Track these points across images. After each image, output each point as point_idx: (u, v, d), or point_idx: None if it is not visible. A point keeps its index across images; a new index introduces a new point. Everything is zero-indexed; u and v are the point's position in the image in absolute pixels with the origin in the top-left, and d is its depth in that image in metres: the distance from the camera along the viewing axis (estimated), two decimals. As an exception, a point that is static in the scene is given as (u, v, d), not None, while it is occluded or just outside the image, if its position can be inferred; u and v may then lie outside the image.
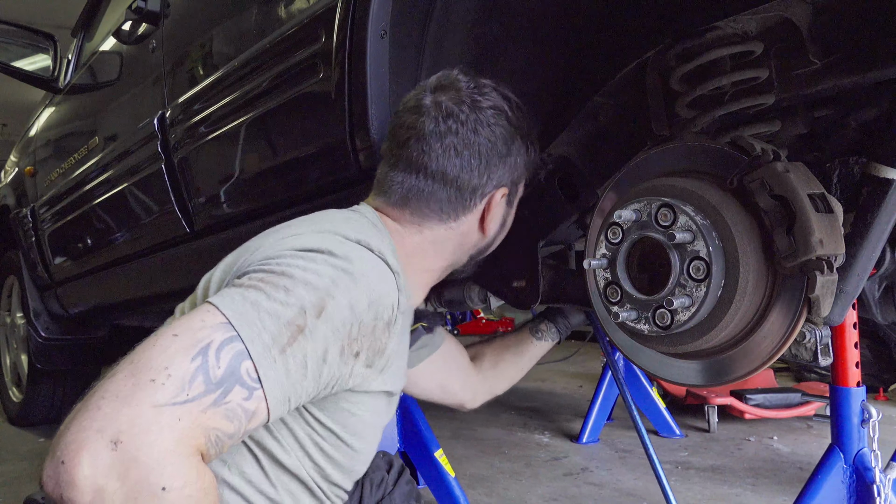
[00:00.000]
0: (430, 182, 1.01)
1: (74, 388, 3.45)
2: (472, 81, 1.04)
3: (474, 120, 1.01)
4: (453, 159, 1.00)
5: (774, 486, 2.36)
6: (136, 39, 2.16)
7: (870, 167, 1.05)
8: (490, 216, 1.07)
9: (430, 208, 1.03)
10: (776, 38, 1.08)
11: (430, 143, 1.00)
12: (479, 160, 1.01)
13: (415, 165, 1.02)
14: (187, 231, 1.94)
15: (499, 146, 1.03)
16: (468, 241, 1.09)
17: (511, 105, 1.06)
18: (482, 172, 1.02)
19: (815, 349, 1.00)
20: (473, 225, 1.07)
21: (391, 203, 1.04)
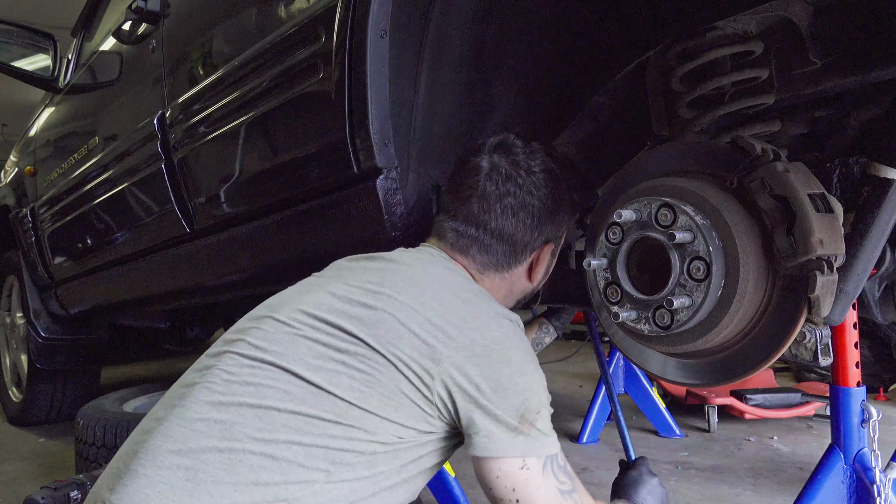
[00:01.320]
0: (488, 236, 1.12)
1: (74, 388, 3.45)
2: (526, 147, 1.14)
3: (530, 183, 1.11)
4: (510, 219, 1.11)
5: (774, 486, 2.36)
6: (135, 39, 2.16)
7: (870, 167, 1.05)
8: (538, 267, 1.18)
9: (488, 259, 1.13)
10: (776, 38, 1.08)
11: (489, 202, 1.11)
12: (532, 220, 1.12)
13: (475, 221, 1.12)
14: (187, 231, 1.94)
15: (549, 205, 1.13)
16: (517, 289, 1.19)
17: (561, 166, 1.16)
18: (534, 230, 1.13)
19: (815, 349, 1.00)
20: (523, 275, 1.17)
21: (455, 249, 1.13)
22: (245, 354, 0.97)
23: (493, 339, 0.96)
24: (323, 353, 0.94)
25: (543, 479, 0.95)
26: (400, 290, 0.99)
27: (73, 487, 1.48)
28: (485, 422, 0.93)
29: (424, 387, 0.93)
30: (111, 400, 2.54)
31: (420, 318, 0.95)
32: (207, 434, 0.90)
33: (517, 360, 0.97)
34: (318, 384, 0.92)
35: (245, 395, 0.93)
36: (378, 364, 0.93)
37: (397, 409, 0.92)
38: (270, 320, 1.00)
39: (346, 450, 0.91)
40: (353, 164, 1.31)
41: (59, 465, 2.69)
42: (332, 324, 0.97)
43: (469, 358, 0.94)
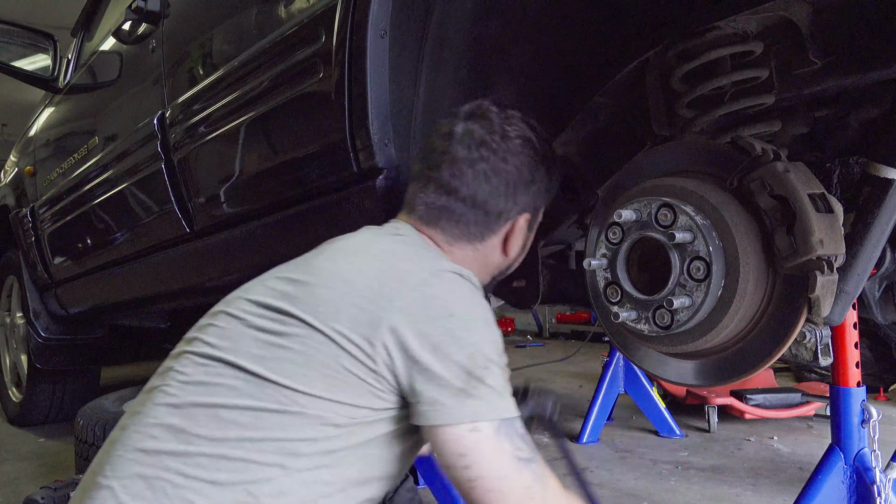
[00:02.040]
0: (460, 204, 1.07)
1: (74, 388, 3.45)
2: (502, 112, 1.10)
3: (504, 149, 1.07)
4: (483, 185, 1.06)
5: (774, 486, 2.36)
6: (135, 39, 2.16)
7: (870, 167, 1.05)
8: (513, 239, 1.12)
9: (459, 229, 1.08)
10: (776, 38, 1.08)
11: (462, 168, 1.06)
12: (505, 187, 1.07)
13: (446, 187, 1.07)
14: (187, 231, 1.94)
15: (525, 174, 1.08)
16: (491, 263, 1.14)
17: (538, 135, 1.11)
18: (508, 199, 1.08)
19: (816, 349, 1.00)
20: (496, 247, 1.12)
21: (424, 221, 1.09)
22: (200, 353, 0.95)
23: (434, 295, 0.91)
24: (266, 340, 0.91)
25: (496, 442, 0.87)
26: (335, 261, 0.96)
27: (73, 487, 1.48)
28: (428, 388, 0.87)
29: (367, 357, 0.88)
30: (111, 400, 2.54)
31: (358, 286, 0.91)
32: (164, 440, 0.89)
33: (461, 315, 0.91)
34: (261, 374, 0.89)
35: (196, 395, 0.91)
36: (318, 342, 0.89)
37: (344, 389, 0.88)
38: (224, 315, 0.98)
39: (297, 439, 0.88)
40: (353, 163, 1.31)
41: (59, 465, 2.69)
42: (273, 307, 0.93)
43: (408, 317, 0.88)
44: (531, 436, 0.95)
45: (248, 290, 1.01)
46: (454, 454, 0.87)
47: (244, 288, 1.03)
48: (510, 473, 0.87)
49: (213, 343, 0.95)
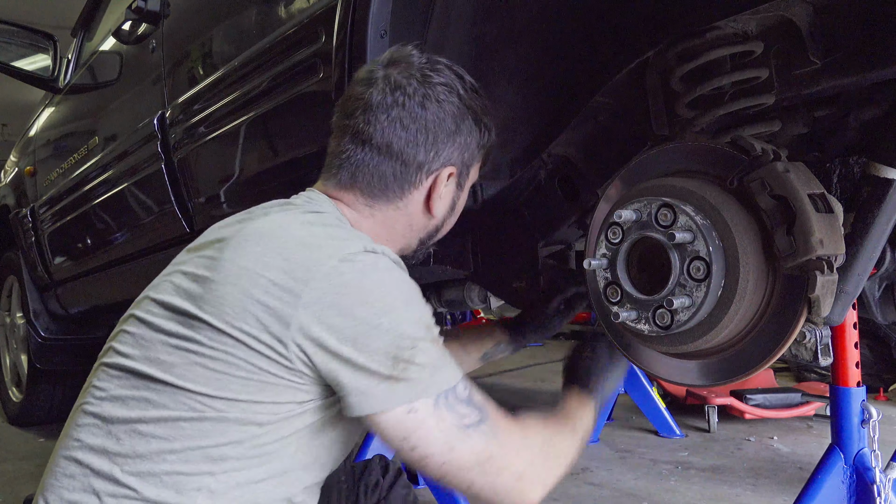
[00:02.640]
0: (375, 155, 1.00)
1: (74, 388, 3.44)
2: (424, 57, 1.02)
3: (422, 94, 0.99)
4: (399, 132, 0.99)
5: (774, 486, 2.36)
6: (135, 39, 2.16)
7: (870, 167, 1.05)
8: (437, 195, 1.04)
9: (377, 184, 1.01)
10: (776, 37, 1.08)
11: (375, 114, 0.99)
12: (425, 135, 0.99)
13: (360, 136, 1.00)
14: (187, 231, 1.94)
15: (447, 123, 1.01)
16: (416, 224, 1.06)
17: (464, 84, 1.03)
18: (429, 148, 1.00)
19: (816, 349, 1.00)
20: (420, 205, 1.04)
21: (341, 184, 1.02)
22: (113, 365, 0.91)
23: (345, 283, 0.84)
24: (175, 345, 0.86)
25: (437, 418, 0.84)
26: (241, 254, 0.88)
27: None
28: (353, 379, 0.83)
29: (281, 357, 0.83)
30: (111, 400, 2.53)
31: (263, 282, 0.84)
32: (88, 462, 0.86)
33: (378, 299, 0.85)
34: (174, 383, 0.84)
35: (113, 411, 0.87)
36: (227, 345, 0.83)
37: (262, 390, 0.84)
38: (133, 319, 0.93)
39: (222, 444, 0.84)
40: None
41: (59, 465, 2.69)
42: (178, 309, 0.87)
43: (319, 311, 0.82)
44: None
45: (154, 287, 0.96)
46: (397, 438, 0.85)
47: (152, 284, 0.97)
48: (457, 444, 0.85)
49: (125, 352, 0.90)
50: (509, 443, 0.89)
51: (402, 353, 0.84)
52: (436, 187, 1.03)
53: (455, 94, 1.01)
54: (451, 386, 0.87)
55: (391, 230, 1.04)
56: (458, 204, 1.10)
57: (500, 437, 0.88)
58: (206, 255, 0.92)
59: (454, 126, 1.02)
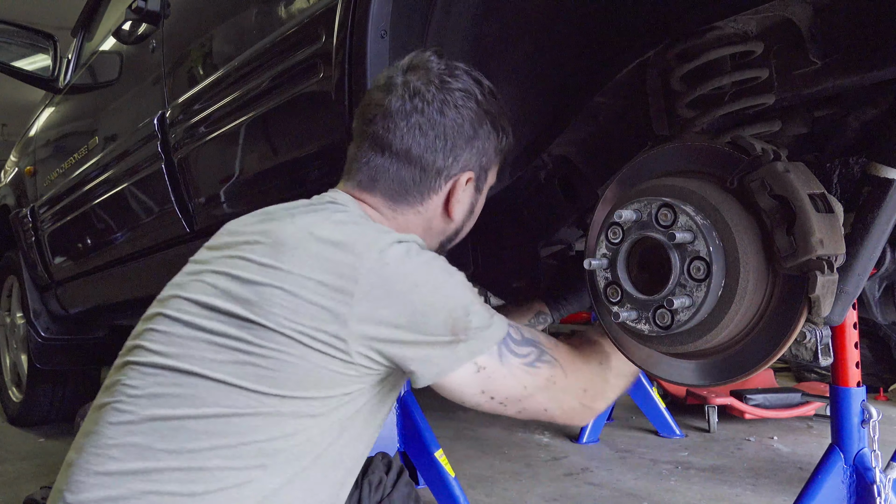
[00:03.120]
0: (394, 161, 1.02)
1: (74, 388, 3.45)
2: (443, 63, 1.04)
3: (441, 100, 1.01)
4: (418, 138, 1.00)
5: (774, 486, 2.36)
6: (135, 39, 2.16)
7: (870, 167, 1.05)
8: (455, 199, 1.06)
9: (398, 189, 1.03)
10: (776, 38, 1.08)
11: (395, 120, 1.00)
12: (444, 141, 1.01)
13: (380, 143, 1.02)
14: (187, 231, 1.94)
15: (465, 128, 1.02)
16: (436, 227, 1.08)
17: (482, 89, 1.05)
18: (447, 154, 1.02)
19: (816, 349, 1.00)
20: (439, 209, 1.06)
21: (363, 187, 1.04)
22: (146, 363, 0.90)
23: (389, 275, 0.87)
24: (222, 344, 0.87)
25: (504, 366, 0.91)
26: (281, 258, 0.89)
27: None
28: (417, 352, 0.87)
29: (339, 352, 0.86)
30: (111, 400, 2.54)
31: (310, 284, 0.86)
32: (126, 460, 0.85)
33: (423, 281, 0.89)
34: (225, 381, 0.85)
35: (154, 408, 0.87)
36: (281, 344, 0.85)
37: (317, 385, 0.87)
38: (163, 318, 0.93)
39: (275, 437, 0.86)
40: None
41: (58, 465, 2.67)
42: (221, 309, 0.88)
43: (374, 305, 0.86)
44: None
45: (181, 286, 0.95)
46: (474, 394, 0.91)
47: (176, 284, 0.97)
48: (528, 381, 0.94)
49: (160, 350, 0.90)
50: (569, 365, 0.99)
51: (459, 323, 0.89)
52: (454, 192, 1.05)
53: (473, 100, 1.03)
54: (504, 334, 0.93)
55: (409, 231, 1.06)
56: (477, 207, 1.13)
57: (560, 362, 0.98)
58: (240, 256, 0.92)
59: (472, 131, 1.03)
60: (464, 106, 1.02)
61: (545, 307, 1.50)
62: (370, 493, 1.20)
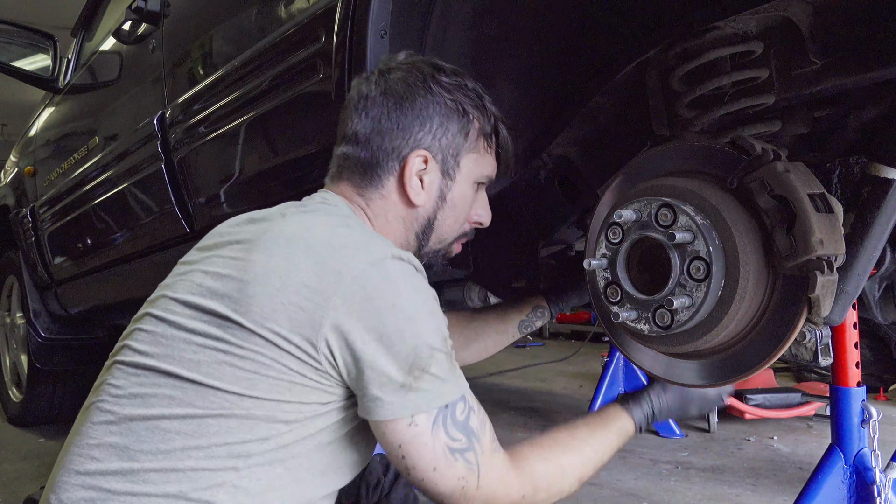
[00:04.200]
0: (349, 146, 1.06)
1: (74, 388, 3.45)
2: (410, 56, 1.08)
3: (383, 84, 1.04)
4: (364, 120, 1.04)
5: (774, 486, 2.36)
6: (135, 39, 2.16)
7: (870, 167, 1.05)
8: (408, 179, 1.04)
9: (360, 174, 1.05)
10: (776, 38, 1.08)
11: (349, 112, 1.06)
12: (389, 121, 1.03)
13: (340, 134, 1.08)
14: (187, 231, 1.94)
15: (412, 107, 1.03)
16: (401, 213, 1.07)
17: (434, 70, 1.06)
18: (395, 134, 1.03)
19: (816, 349, 1.00)
20: (394, 191, 1.06)
21: (333, 179, 1.08)
22: (130, 363, 0.91)
23: (374, 287, 0.86)
24: (202, 344, 0.87)
25: (432, 436, 0.88)
26: (271, 254, 0.89)
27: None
28: (371, 384, 0.86)
29: (309, 357, 0.85)
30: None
31: (294, 283, 0.86)
32: (106, 460, 0.86)
33: (403, 305, 0.87)
34: (201, 381, 0.85)
35: (133, 408, 0.87)
36: (257, 346, 0.85)
37: (290, 389, 0.86)
38: (150, 318, 0.93)
39: (248, 441, 0.85)
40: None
41: (59, 465, 2.69)
42: (204, 308, 0.88)
43: (348, 313, 0.85)
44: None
45: (170, 286, 0.96)
46: (392, 444, 0.88)
47: (166, 284, 0.98)
48: (442, 466, 0.88)
49: (144, 350, 0.90)
50: (490, 475, 0.92)
51: (420, 361, 0.86)
52: (406, 171, 1.04)
53: (419, 80, 1.04)
54: (454, 400, 0.89)
55: (386, 221, 1.06)
56: (452, 196, 1.09)
57: (482, 468, 0.91)
58: (230, 256, 0.93)
59: (419, 110, 1.04)
60: (408, 83, 1.04)
61: (544, 302, 1.50)
62: (368, 493, 1.20)
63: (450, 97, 1.05)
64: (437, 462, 0.88)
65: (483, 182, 1.14)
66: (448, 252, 1.15)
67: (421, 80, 1.04)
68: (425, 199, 1.07)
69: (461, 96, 1.06)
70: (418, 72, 1.05)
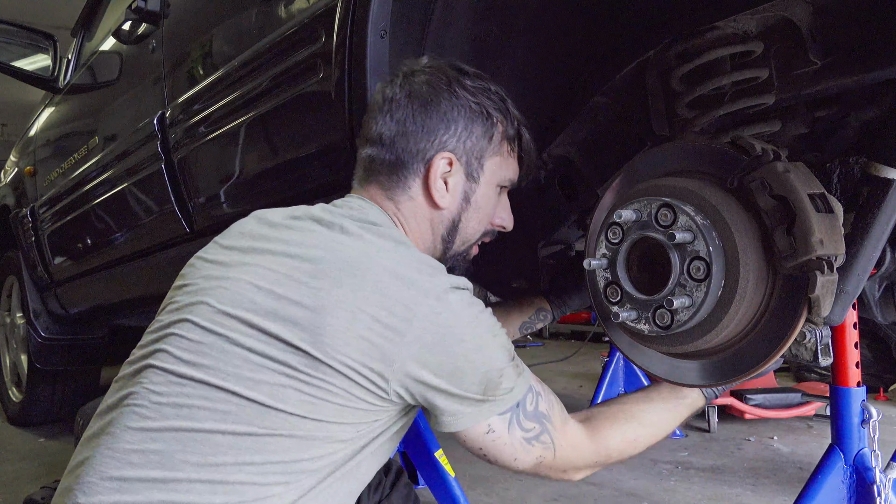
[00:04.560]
0: (374, 148, 1.06)
1: (74, 388, 3.45)
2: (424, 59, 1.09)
3: (408, 87, 1.05)
4: (389, 123, 1.05)
5: (774, 486, 2.36)
6: (135, 39, 2.16)
7: (870, 167, 1.05)
8: (433, 182, 1.05)
9: (385, 175, 1.06)
10: (776, 38, 1.08)
11: (374, 115, 1.07)
12: (412, 119, 1.04)
13: (366, 137, 1.08)
14: (187, 231, 1.94)
15: (434, 110, 1.04)
16: (428, 215, 1.08)
17: (458, 74, 1.07)
18: (420, 137, 1.04)
19: (816, 349, 1.00)
20: (420, 194, 1.06)
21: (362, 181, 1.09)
22: (171, 371, 0.88)
23: (443, 323, 0.88)
24: (260, 364, 0.86)
25: (508, 435, 0.95)
26: (338, 283, 0.88)
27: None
28: (448, 404, 0.91)
29: (379, 389, 0.88)
30: (111, 400, 2.53)
31: (364, 318, 0.86)
32: (146, 467, 0.84)
33: (471, 337, 0.91)
34: (262, 402, 0.85)
35: (179, 419, 0.85)
36: (326, 374, 0.85)
37: (353, 413, 0.88)
38: (191, 325, 0.90)
39: (303, 459, 0.86)
40: (353, 163, 1.31)
41: (59, 465, 2.69)
42: (266, 331, 0.87)
43: (421, 351, 0.87)
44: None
45: (209, 293, 0.93)
46: (475, 448, 0.96)
47: (202, 289, 0.94)
48: (521, 455, 0.97)
49: (188, 360, 0.88)
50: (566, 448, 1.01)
51: (491, 384, 0.93)
52: (431, 174, 1.05)
53: (443, 83, 1.05)
54: (523, 396, 0.96)
55: (416, 224, 1.07)
56: (476, 198, 1.10)
57: (557, 444, 1.00)
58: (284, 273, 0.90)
59: (444, 113, 1.05)
60: (430, 90, 1.05)
61: (546, 304, 1.51)
62: (369, 493, 1.20)
63: (474, 100, 1.06)
64: (517, 453, 0.97)
65: (506, 185, 1.15)
66: (468, 255, 1.16)
67: (445, 82, 1.05)
68: (450, 202, 1.08)
69: (485, 99, 1.07)
70: (443, 74, 1.06)
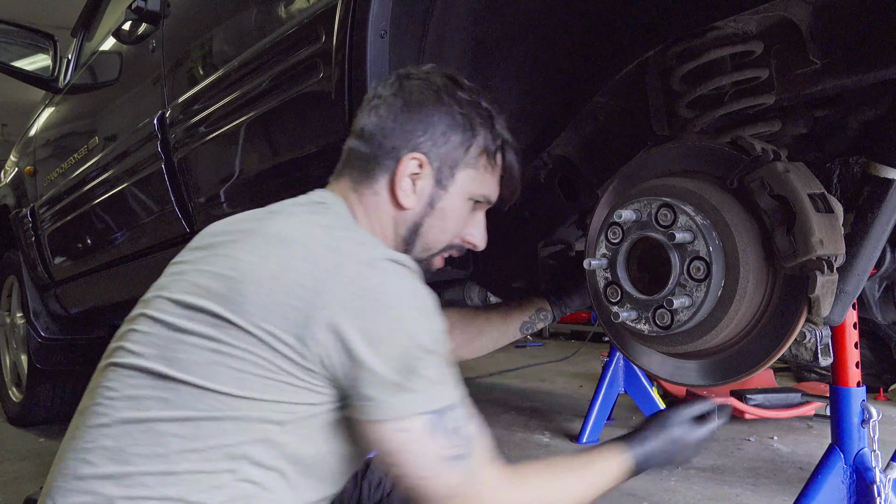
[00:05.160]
0: (355, 141, 1.08)
1: (74, 388, 3.44)
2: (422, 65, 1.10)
3: (397, 87, 1.06)
4: (372, 118, 1.06)
5: (774, 486, 2.36)
6: (135, 39, 2.16)
7: (870, 167, 1.05)
8: (399, 179, 1.04)
9: (357, 166, 1.07)
10: (776, 38, 1.08)
11: (362, 110, 1.08)
12: (390, 115, 1.05)
13: (351, 131, 1.10)
14: (187, 231, 1.94)
15: (416, 112, 1.05)
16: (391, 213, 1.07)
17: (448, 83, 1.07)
18: (397, 134, 1.04)
19: (816, 349, 1.00)
20: (387, 190, 1.05)
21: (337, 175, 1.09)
22: (125, 364, 0.89)
23: (369, 287, 0.85)
24: (195, 344, 0.86)
25: (422, 443, 0.86)
26: (265, 253, 0.89)
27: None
28: (363, 383, 0.85)
29: (299, 356, 0.84)
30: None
31: (288, 282, 0.85)
32: (100, 464, 0.85)
33: (397, 306, 0.87)
34: (195, 383, 0.85)
35: (129, 411, 0.86)
36: (250, 344, 0.84)
37: (281, 389, 0.85)
38: (144, 318, 0.92)
39: (242, 443, 0.85)
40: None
41: (59, 465, 2.69)
42: (197, 307, 0.87)
43: (341, 312, 0.84)
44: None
45: (165, 286, 0.95)
46: (384, 450, 0.87)
47: (161, 285, 0.97)
48: (431, 474, 0.86)
49: (138, 351, 0.89)
50: (486, 486, 0.90)
51: (412, 362, 0.85)
52: (398, 171, 1.04)
53: (431, 89, 1.05)
54: (447, 406, 0.87)
55: (378, 219, 1.06)
56: (442, 205, 1.08)
57: (476, 477, 0.89)
58: (224, 254, 0.92)
59: (425, 116, 1.05)
60: (420, 90, 1.05)
61: (546, 304, 1.50)
62: (370, 493, 1.20)
63: (459, 110, 1.06)
64: (428, 470, 0.86)
65: (480, 201, 1.12)
66: (430, 265, 1.13)
67: (435, 89, 1.05)
68: (414, 203, 1.06)
69: (471, 111, 1.07)
70: (435, 81, 1.06)
